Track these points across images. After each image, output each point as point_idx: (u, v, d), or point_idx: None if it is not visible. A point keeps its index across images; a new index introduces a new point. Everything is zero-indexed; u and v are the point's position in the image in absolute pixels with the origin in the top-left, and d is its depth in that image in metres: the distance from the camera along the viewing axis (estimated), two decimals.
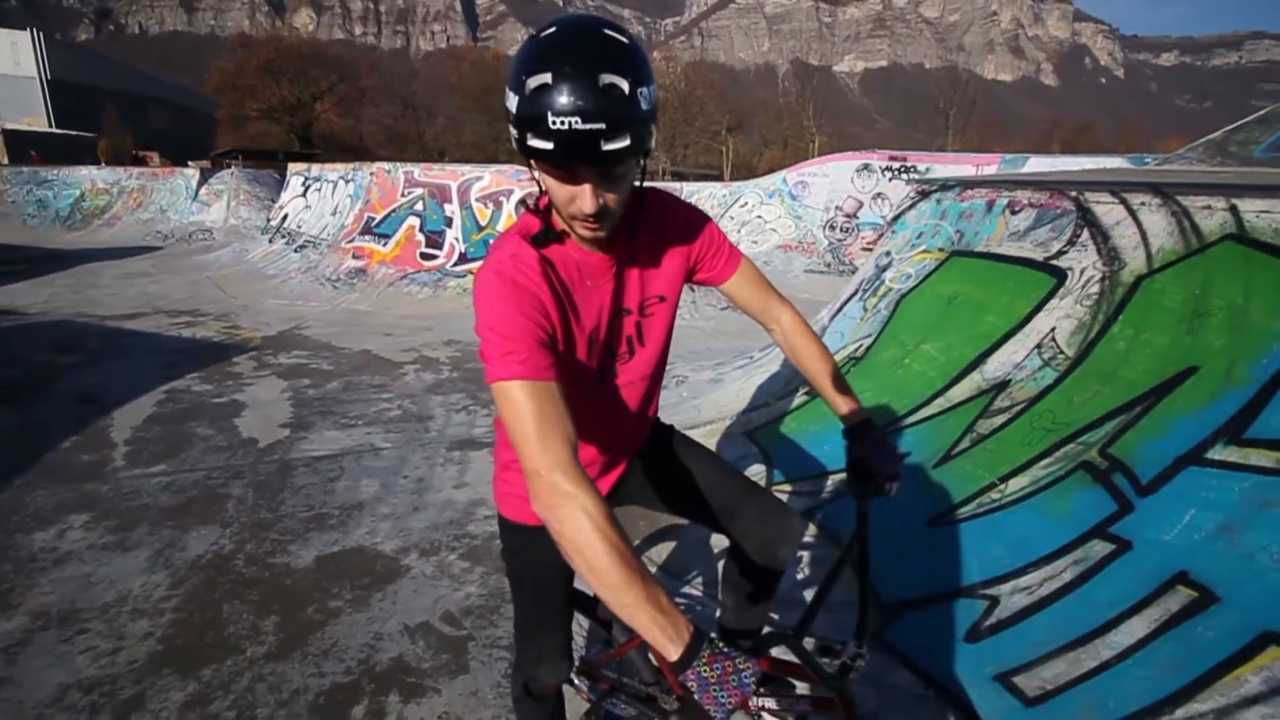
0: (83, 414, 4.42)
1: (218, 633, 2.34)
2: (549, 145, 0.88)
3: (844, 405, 1.32)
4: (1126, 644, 1.73)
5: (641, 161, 1.01)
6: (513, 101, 0.91)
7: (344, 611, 2.46)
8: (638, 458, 1.46)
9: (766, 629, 1.62)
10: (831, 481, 3.05)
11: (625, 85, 0.87)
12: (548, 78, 0.86)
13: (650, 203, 1.20)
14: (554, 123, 0.86)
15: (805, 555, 2.74)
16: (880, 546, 1.29)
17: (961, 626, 2.05)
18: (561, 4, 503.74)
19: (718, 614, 1.66)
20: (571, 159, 0.90)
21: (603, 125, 0.86)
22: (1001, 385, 2.77)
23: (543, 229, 1.08)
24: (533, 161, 0.96)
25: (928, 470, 2.69)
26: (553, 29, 0.91)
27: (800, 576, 2.63)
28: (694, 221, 1.27)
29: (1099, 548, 1.99)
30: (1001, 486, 2.41)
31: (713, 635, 0.84)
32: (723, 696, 0.80)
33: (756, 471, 3.32)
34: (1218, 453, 1.93)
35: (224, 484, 3.47)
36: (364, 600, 2.53)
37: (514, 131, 0.92)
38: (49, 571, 2.67)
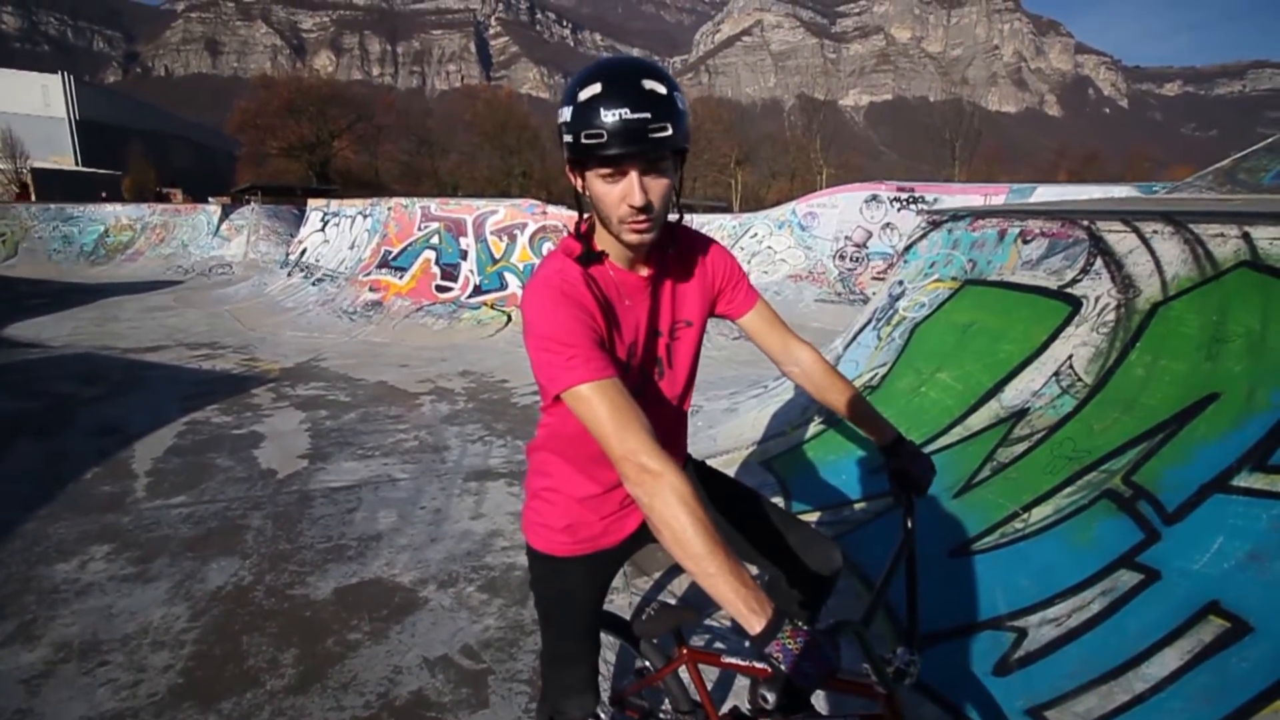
0: (105, 445, 4.48)
1: (237, 665, 2.33)
2: (601, 137, 1.00)
3: (876, 427, 1.38)
4: (1160, 676, 1.70)
5: (678, 171, 1.12)
6: (565, 113, 1.05)
7: (363, 644, 2.46)
8: None
9: (831, 620, 1.59)
10: (851, 510, 3.03)
11: (664, 89, 1.03)
12: (598, 87, 1.01)
13: (682, 234, 1.30)
14: (606, 116, 1.00)
15: None
16: (903, 578, 1.28)
17: (990, 659, 2.02)
18: (572, 44, 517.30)
19: (746, 644, 1.63)
20: (622, 145, 1.01)
21: (648, 114, 1.00)
22: (1020, 413, 2.76)
23: (585, 250, 1.17)
24: (582, 174, 1.09)
25: (949, 499, 2.66)
26: (597, 63, 1.07)
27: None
28: (719, 253, 1.37)
29: (1127, 577, 1.96)
30: (1024, 515, 2.38)
31: (792, 615, 0.84)
32: (807, 668, 0.80)
33: (775, 501, 3.30)
34: (1244, 479, 1.91)
35: (243, 515, 3.50)
36: (383, 632, 2.52)
37: (566, 137, 1.05)
38: (71, 603, 2.69)
